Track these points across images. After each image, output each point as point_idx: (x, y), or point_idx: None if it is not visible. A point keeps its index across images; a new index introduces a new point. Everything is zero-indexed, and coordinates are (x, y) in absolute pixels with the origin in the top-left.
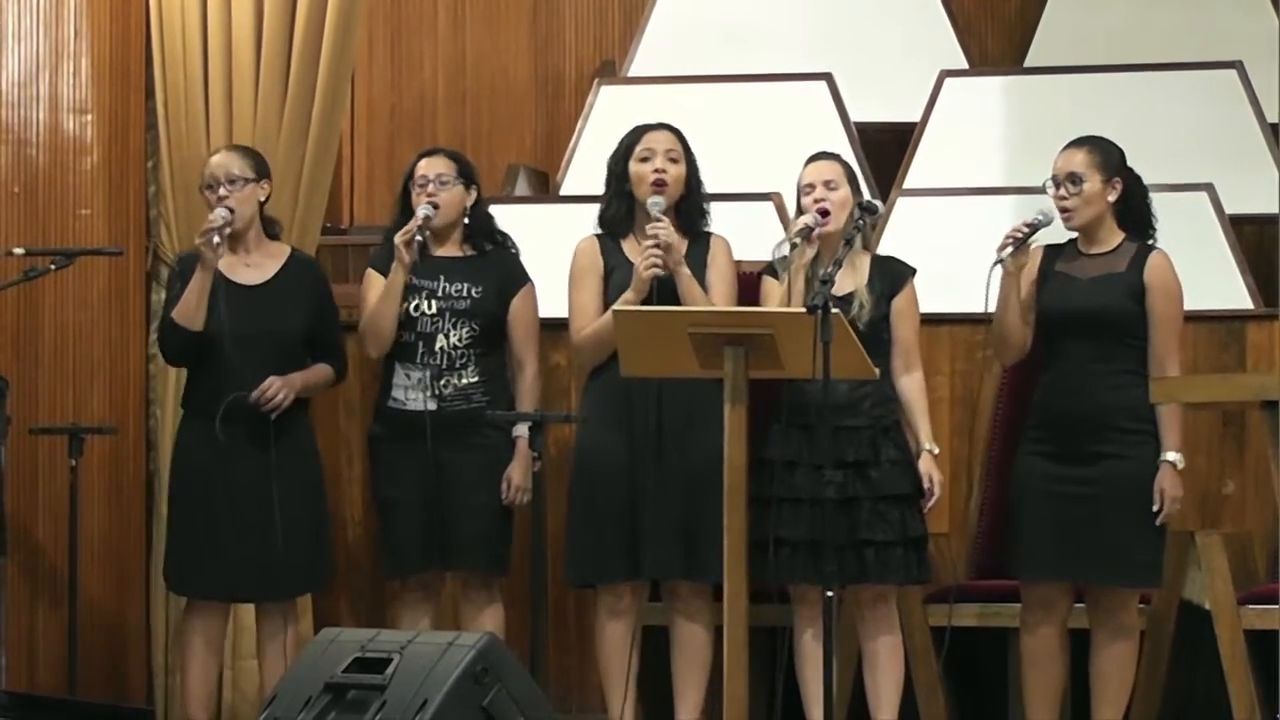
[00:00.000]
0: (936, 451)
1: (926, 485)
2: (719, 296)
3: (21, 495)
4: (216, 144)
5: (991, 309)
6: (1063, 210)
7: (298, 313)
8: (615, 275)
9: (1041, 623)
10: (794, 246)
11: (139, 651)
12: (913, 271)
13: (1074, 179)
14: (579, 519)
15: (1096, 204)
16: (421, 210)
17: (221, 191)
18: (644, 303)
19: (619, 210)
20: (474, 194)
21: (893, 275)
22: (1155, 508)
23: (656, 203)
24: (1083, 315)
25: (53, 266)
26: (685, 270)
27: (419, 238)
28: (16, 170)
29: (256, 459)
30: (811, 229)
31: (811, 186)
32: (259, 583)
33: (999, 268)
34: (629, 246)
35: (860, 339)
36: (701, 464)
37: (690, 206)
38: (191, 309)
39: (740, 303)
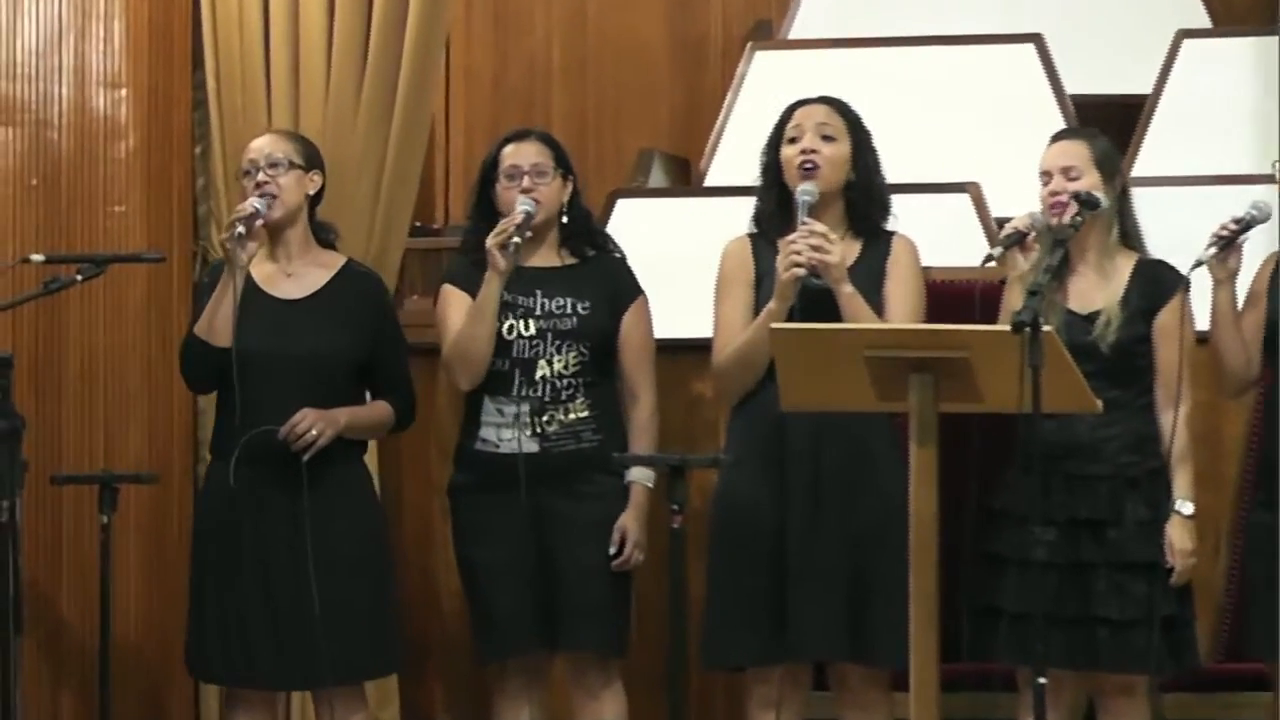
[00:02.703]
0: (1189, 512)
1: (1169, 558)
2: (900, 310)
3: (42, 559)
4: (280, 126)
5: (1201, 327)
6: None
7: (349, 335)
8: (766, 283)
9: None
10: (990, 258)
11: None
12: (1185, 283)
13: None
14: (719, 585)
15: None
16: (521, 206)
17: (260, 177)
18: (790, 314)
19: (770, 205)
20: (570, 187)
21: (1157, 285)
22: None
23: (807, 191)
24: None
25: (79, 277)
26: (848, 287)
27: (517, 239)
28: (35, 158)
29: (288, 510)
30: (1024, 235)
31: (1048, 175)
32: (299, 665)
33: (1197, 271)
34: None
35: (1105, 365)
36: (872, 516)
37: (861, 198)
38: (218, 320)
39: (925, 319)
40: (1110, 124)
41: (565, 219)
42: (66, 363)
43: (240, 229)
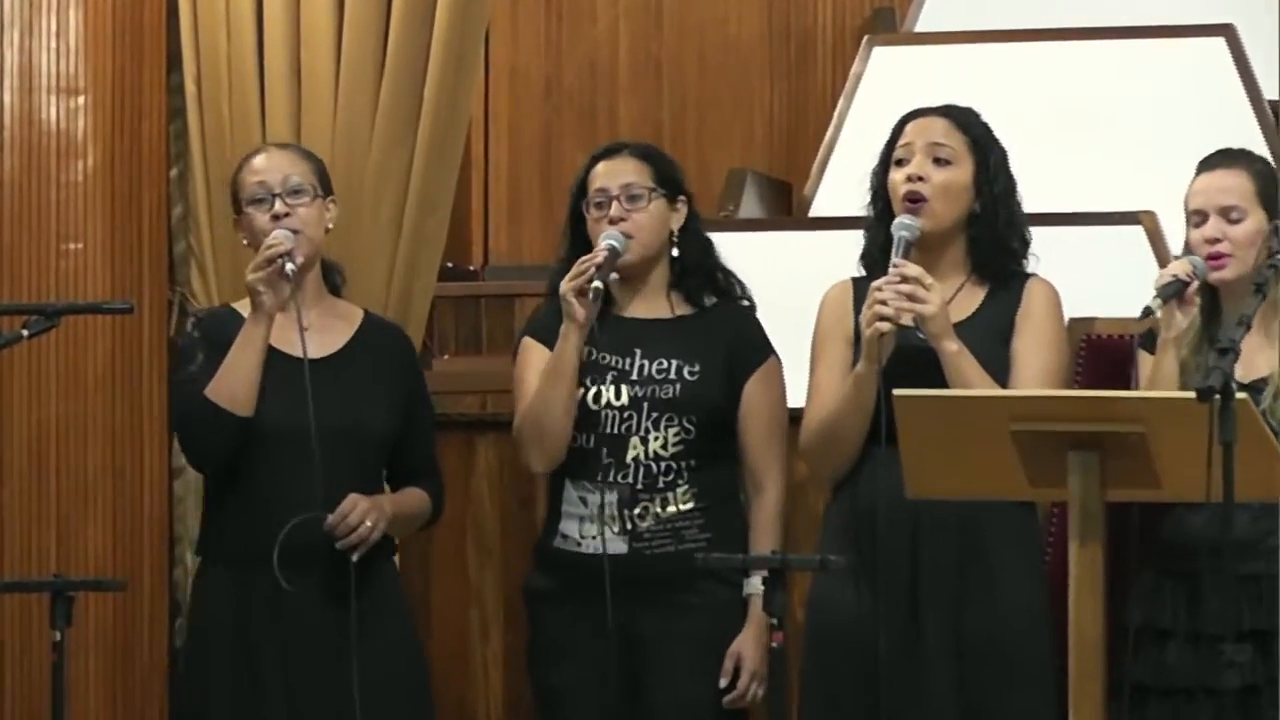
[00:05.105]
0: None
1: None
2: (1029, 372)
3: None
4: (277, 140)
5: None
6: None
7: (383, 404)
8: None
9: None
10: (1148, 311)
11: None
12: None
13: None
14: (812, 713)
15: None
16: (604, 242)
17: (279, 207)
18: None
19: (878, 240)
20: (683, 211)
21: None
22: None
23: (904, 226)
24: None
25: (25, 332)
26: (953, 344)
27: (598, 284)
28: None
29: (330, 621)
30: (1185, 284)
31: (1201, 215)
32: None
33: None
34: None
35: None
36: (988, 634)
37: (985, 234)
38: (241, 382)
39: (1088, 384)
40: None
41: (675, 252)
42: (10, 440)
43: (290, 265)
